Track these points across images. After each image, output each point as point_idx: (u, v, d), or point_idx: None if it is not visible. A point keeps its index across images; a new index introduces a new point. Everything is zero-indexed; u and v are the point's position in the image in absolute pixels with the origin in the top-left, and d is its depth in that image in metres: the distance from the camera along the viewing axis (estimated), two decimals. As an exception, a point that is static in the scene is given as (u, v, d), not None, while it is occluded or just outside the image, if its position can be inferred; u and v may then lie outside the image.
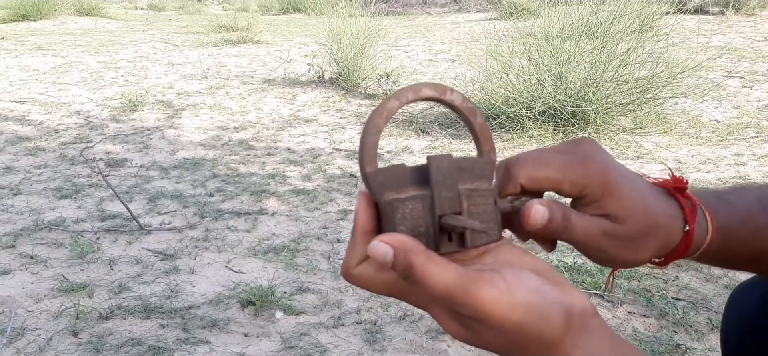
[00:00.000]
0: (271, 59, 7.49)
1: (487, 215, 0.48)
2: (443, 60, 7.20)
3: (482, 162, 0.50)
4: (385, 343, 1.99)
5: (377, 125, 0.48)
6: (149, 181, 3.58)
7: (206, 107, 5.34)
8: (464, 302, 0.43)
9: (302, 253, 2.65)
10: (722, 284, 2.32)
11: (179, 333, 2.05)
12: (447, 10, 12.89)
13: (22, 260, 2.56)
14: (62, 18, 11.35)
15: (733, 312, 0.78)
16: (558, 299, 0.45)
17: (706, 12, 9.28)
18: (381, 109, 0.48)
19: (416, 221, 0.47)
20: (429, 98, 0.49)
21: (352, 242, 0.48)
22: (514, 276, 0.44)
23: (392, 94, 0.48)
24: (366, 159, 0.47)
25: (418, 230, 0.47)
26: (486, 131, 0.51)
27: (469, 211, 0.47)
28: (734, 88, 5.39)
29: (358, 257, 0.48)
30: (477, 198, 0.48)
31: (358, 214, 0.48)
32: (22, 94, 5.75)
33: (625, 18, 4.67)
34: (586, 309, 0.46)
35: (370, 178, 0.47)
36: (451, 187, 0.47)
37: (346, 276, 0.49)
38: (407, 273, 0.43)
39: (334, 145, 4.32)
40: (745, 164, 3.69)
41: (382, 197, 0.47)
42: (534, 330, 0.44)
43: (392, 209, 0.46)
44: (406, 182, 0.48)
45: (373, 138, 0.48)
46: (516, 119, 4.30)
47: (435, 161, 0.47)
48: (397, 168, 0.48)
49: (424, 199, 0.47)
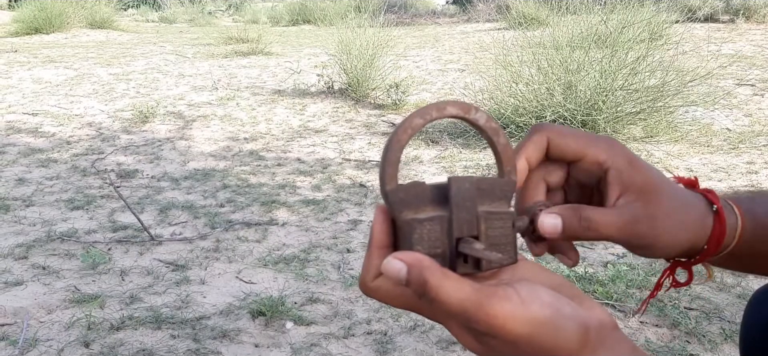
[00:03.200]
0: (280, 70, 7.53)
1: (504, 239, 0.48)
2: (452, 70, 7.21)
3: (503, 184, 0.50)
4: (396, 354, 1.99)
5: (401, 142, 0.48)
6: (160, 192, 3.60)
7: (217, 118, 5.37)
8: (478, 318, 0.43)
9: (312, 263, 2.65)
10: (735, 294, 2.30)
11: (190, 344, 2.05)
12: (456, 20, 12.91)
13: (34, 271, 2.58)
14: (74, 31, 11.47)
15: (753, 318, 0.77)
16: (573, 314, 0.44)
17: (716, 20, 9.25)
18: (405, 126, 0.48)
19: (433, 242, 0.47)
20: (453, 116, 0.49)
21: (368, 257, 0.48)
22: (528, 291, 0.44)
23: (416, 111, 0.48)
24: (387, 176, 0.47)
25: (435, 252, 0.47)
26: (509, 152, 0.51)
27: (486, 234, 0.47)
28: (745, 96, 5.36)
29: (375, 271, 0.48)
30: (495, 221, 0.48)
31: (375, 228, 0.48)
32: (34, 106, 5.80)
33: (634, 27, 4.66)
34: (605, 322, 0.46)
35: (391, 195, 0.47)
36: (470, 209, 0.47)
37: (363, 289, 0.49)
38: (422, 291, 0.43)
39: (343, 155, 4.33)
40: (757, 172, 3.67)
41: (401, 215, 0.47)
42: (549, 344, 0.43)
43: (410, 229, 0.46)
44: (425, 201, 0.48)
45: (395, 155, 0.48)
46: (526, 129, 4.29)
47: (456, 182, 0.47)
48: (417, 186, 0.48)
49: (442, 221, 0.47)
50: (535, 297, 0.44)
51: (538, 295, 0.44)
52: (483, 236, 0.47)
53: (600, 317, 0.46)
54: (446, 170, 3.93)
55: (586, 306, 0.46)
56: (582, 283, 2.37)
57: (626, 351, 0.46)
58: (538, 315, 0.43)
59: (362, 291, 0.49)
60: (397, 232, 0.48)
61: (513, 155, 0.51)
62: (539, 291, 0.45)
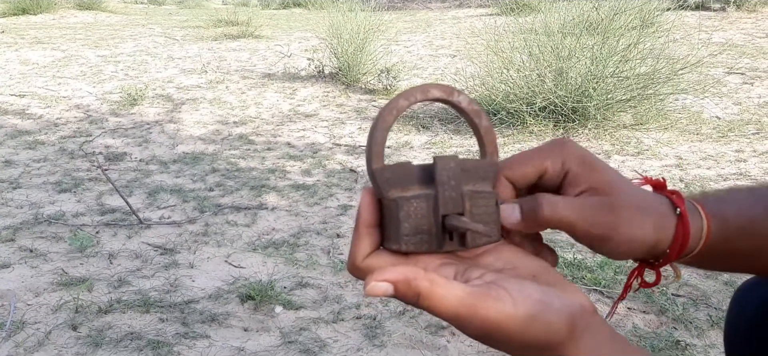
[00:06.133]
0: (271, 54, 7.48)
1: (489, 217, 0.50)
2: (444, 55, 7.19)
3: (485, 164, 0.51)
4: (385, 338, 1.99)
5: (386, 122, 0.49)
6: (149, 175, 3.58)
7: (206, 102, 5.34)
8: (473, 322, 0.44)
9: (302, 248, 2.65)
10: (722, 280, 2.32)
11: (179, 328, 2.05)
12: (448, 6, 12.87)
13: (21, 254, 2.56)
14: (62, 12, 11.34)
15: (736, 312, 0.78)
16: (561, 306, 0.46)
17: (707, 8, 9.27)
18: (391, 107, 0.49)
19: (420, 219, 0.48)
20: (436, 99, 0.50)
21: (356, 236, 0.49)
22: (518, 290, 0.45)
23: (401, 93, 0.49)
24: (374, 155, 0.48)
25: (422, 228, 0.48)
26: (490, 134, 0.52)
27: (471, 212, 0.48)
28: (735, 84, 5.38)
29: (365, 251, 0.48)
30: (479, 200, 0.49)
31: (362, 208, 0.48)
32: (21, 87, 5.74)
33: (626, 14, 4.66)
34: (586, 307, 0.47)
35: (377, 174, 0.48)
36: (455, 188, 0.48)
37: (352, 270, 0.49)
38: (415, 301, 0.45)
39: (334, 140, 4.32)
40: (745, 160, 3.69)
41: (388, 194, 0.48)
42: (541, 337, 0.45)
43: (397, 207, 0.47)
44: (411, 181, 0.49)
45: (381, 135, 0.49)
46: (516, 115, 4.30)
47: (441, 161, 0.48)
48: (403, 166, 0.49)
49: (429, 198, 0.48)
50: (525, 295, 0.45)
51: (528, 293, 0.45)
52: (468, 214, 0.48)
53: (582, 302, 0.47)
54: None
55: (568, 292, 0.48)
56: (570, 269, 2.38)
57: (606, 334, 0.47)
58: (530, 312, 0.45)
59: (351, 273, 0.49)
60: (384, 211, 0.49)
61: (495, 138, 0.52)
62: (528, 287, 0.46)
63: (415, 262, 0.49)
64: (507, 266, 0.50)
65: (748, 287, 0.77)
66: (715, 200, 0.56)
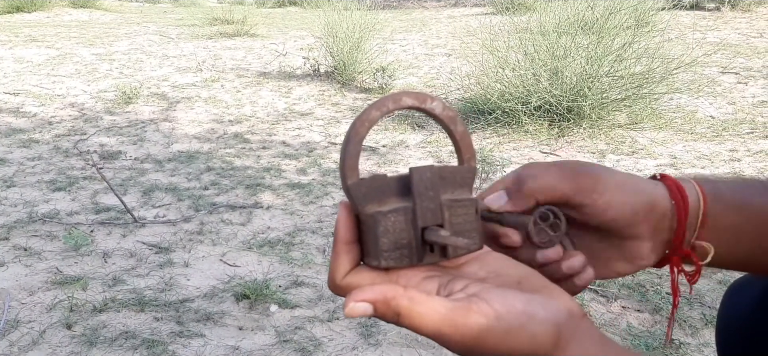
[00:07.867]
0: (266, 52, 7.47)
1: (469, 225, 0.49)
2: (439, 54, 7.19)
3: (463, 171, 0.50)
4: (380, 337, 1.99)
5: (360, 135, 0.47)
6: (144, 174, 3.57)
7: (201, 100, 5.32)
8: (453, 338, 0.43)
9: (297, 247, 2.65)
10: (716, 279, 2.33)
11: (173, 327, 2.04)
12: (443, 5, 12.87)
13: (15, 253, 2.55)
14: (57, 10, 11.29)
15: (728, 311, 0.78)
16: (546, 316, 0.44)
17: (701, 8, 9.29)
18: (363, 119, 0.47)
19: (399, 233, 0.46)
20: (409, 107, 0.49)
21: (334, 255, 0.47)
22: (501, 302, 0.44)
23: (373, 103, 0.48)
24: (348, 170, 0.47)
25: (401, 243, 0.46)
26: (467, 139, 0.51)
27: (450, 222, 0.48)
28: (729, 84, 5.40)
29: (344, 269, 0.47)
30: (458, 208, 0.48)
31: (339, 225, 0.47)
32: (16, 85, 5.71)
33: (621, 13, 4.67)
34: (574, 312, 0.46)
35: (353, 189, 0.47)
36: (433, 198, 0.47)
37: (333, 288, 0.48)
38: (396, 320, 0.44)
39: (329, 139, 4.32)
40: (740, 160, 3.70)
41: (365, 209, 0.47)
42: (526, 348, 0.44)
43: (374, 222, 0.46)
44: (388, 194, 0.47)
45: (355, 148, 0.47)
46: (512, 114, 4.30)
47: (417, 172, 0.47)
48: (378, 179, 0.47)
49: (407, 212, 0.47)
50: (508, 307, 0.44)
51: (511, 305, 0.44)
52: (447, 225, 0.47)
53: (569, 307, 0.46)
54: (432, 154, 3.93)
55: (555, 297, 0.46)
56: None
57: (595, 340, 0.46)
58: (513, 325, 0.43)
59: (331, 290, 0.48)
60: (362, 226, 0.47)
61: (471, 142, 0.51)
62: (511, 298, 0.45)
63: (396, 278, 0.48)
64: (491, 274, 0.49)
65: (740, 285, 0.78)
66: (702, 179, 0.58)
